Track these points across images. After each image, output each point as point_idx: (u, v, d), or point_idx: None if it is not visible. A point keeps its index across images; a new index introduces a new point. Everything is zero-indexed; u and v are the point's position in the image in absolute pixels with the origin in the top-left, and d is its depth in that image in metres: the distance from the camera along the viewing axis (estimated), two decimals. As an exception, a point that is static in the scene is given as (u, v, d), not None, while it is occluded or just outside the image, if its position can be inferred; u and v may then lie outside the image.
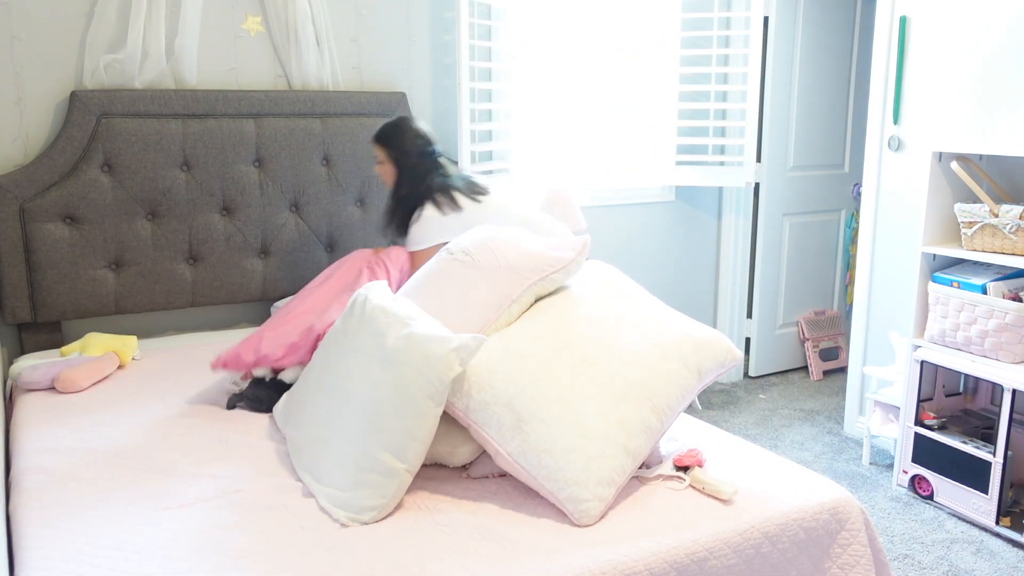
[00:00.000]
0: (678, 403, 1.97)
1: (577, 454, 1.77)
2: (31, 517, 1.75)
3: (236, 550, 1.63)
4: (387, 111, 3.31)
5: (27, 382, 2.50)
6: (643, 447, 1.86)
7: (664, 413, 1.92)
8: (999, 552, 2.76)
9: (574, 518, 1.73)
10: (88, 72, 2.85)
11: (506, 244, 2.16)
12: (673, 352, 2.02)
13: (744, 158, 4.07)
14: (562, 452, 1.77)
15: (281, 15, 3.11)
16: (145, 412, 2.34)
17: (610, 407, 1.86)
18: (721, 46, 4.15)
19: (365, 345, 1.96)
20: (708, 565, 1.69)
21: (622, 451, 1.81)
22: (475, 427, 1.87)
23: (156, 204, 2.94)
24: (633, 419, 1.86)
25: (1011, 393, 2.75)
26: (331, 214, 3.23)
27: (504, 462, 1.85)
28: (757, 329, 4.51)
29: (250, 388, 2.38)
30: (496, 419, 1.84)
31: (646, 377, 1.94)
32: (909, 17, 3.35)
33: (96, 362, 2.58)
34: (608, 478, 1.77)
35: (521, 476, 1.83)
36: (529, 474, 1.80)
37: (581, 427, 1.80)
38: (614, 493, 1.78)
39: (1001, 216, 2.80)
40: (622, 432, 1.83)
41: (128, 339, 2.77)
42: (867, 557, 1.89)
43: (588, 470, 1.75)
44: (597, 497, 1.74)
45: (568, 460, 1.76)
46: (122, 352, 2.69)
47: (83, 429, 2.22)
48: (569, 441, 1.78)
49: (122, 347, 2.71)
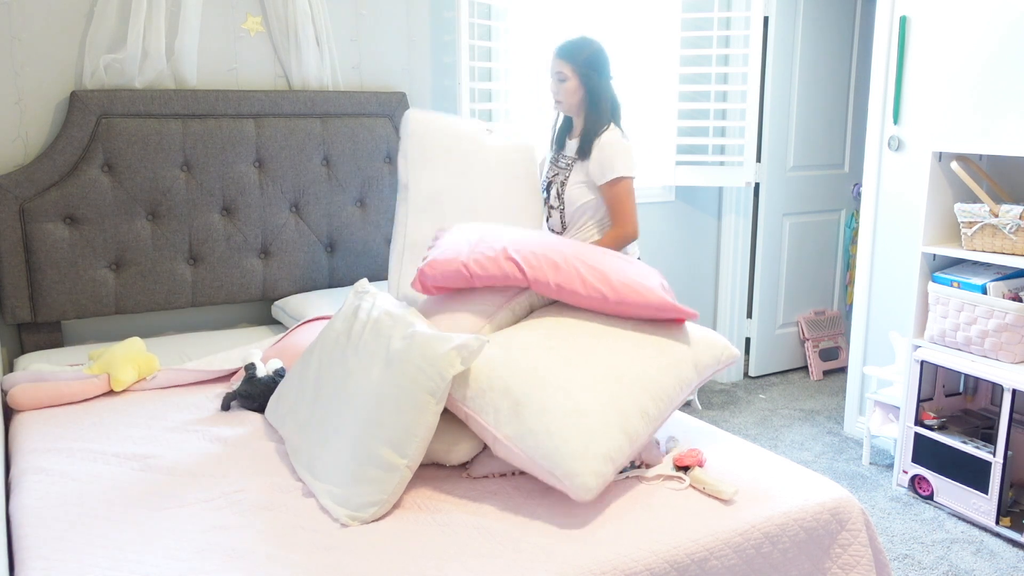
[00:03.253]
0: (676, 394, 1.98)
1: (574, 431, 1.78)
2: (31, 517, 1.75)
3: (236, 550, 1.63)
4: (387, 111, 3.31)
5: (7, 386, 2.39)
6: (640, 431, 1.86)
7: (661, 401, 1.93)
8: (999, 552, 2.76)
9: (572, 493, 1.73)
10: (88, 72, 2.85)
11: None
12: (669, 348, 2.05)
13: (744, 158, 4.07)
14: (559, 431, 1.78)
15: (281, 15, 3.11)
16: (144, 413, 2.34)
17: (606, 394, 1.88)
18: (721, 46, 4.15)
19: (369, 347, 1.98)
20: (708, 565, 1.69)
21: (619, 431, 1.82)
22: (472, 415, 1.88)
23: (156, 204, 2.94)
24: (629, 404, 1.87)
25: (1011, 393, 2.75)
26: (331, 214, 3.23)
27: (501, 448, 1.85)
28: (757, 329, 4.51)
29: (243, 386, 2.38)
30: (493, 406, 1.86)
31: (642, 369, 1.96)
32: (909, 17, 3.35)
33: (70, 384, 2.39)
34: (605, 455, 1.77)
35: (518, 460, 1.83)
36: (526, 455, 1.80)
37: (578, 410, 1.82)
38: (612, 471, 1.78)
39: (1001, 216, 2.80)
40: (618, 415, 1.84)
41: (150, 360, 2.57)
42: (868, 557, 1.89)
43: (585, 446, 1.76)
44: (594, 472, 1.74)
45: (565, 438, 1.77)
46: (128, 373, 2.48)
47: (82, 430, 2.22)
48: (566, 421, 1.80)
49: (145, 367, 2.52)
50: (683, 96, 4.09)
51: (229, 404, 2.37)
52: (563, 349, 1.98)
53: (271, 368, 2.45)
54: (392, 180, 3.33)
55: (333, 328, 2.16)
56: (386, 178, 3.32)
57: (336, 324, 2.16)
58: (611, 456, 1.78)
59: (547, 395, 1.84)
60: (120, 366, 2.47)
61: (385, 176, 3.32)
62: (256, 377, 2.39)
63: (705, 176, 4.12)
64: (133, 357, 2.52)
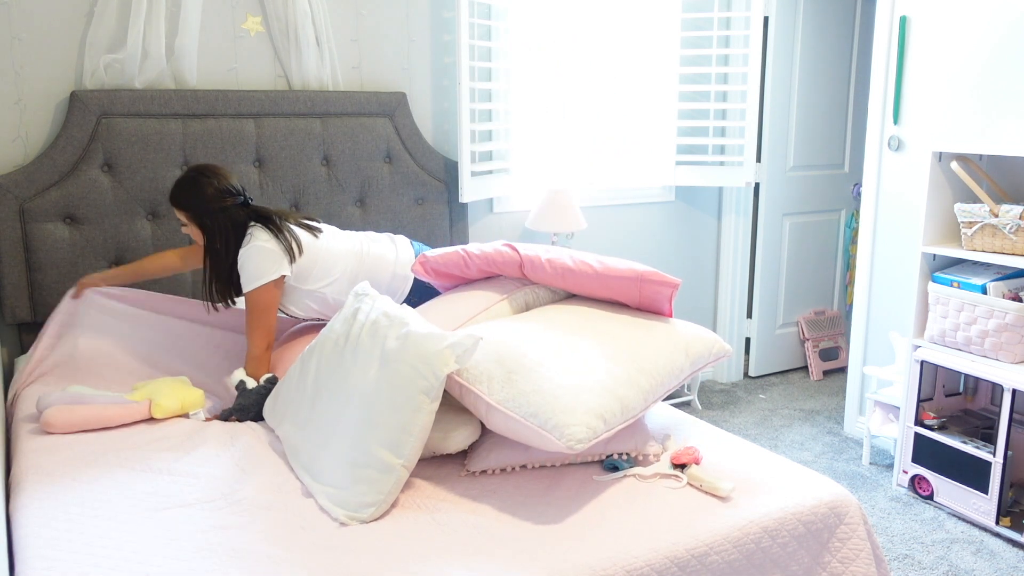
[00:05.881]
0: (667, 374, 2.03)
1: (565, 390, 1.82)
2: (31, 517, 1.75)
3: (236, 550, 1.63)
4: (387, 111, 3.31)
5: (41, 406, 2.26)
6: (632, 399, 1.89)
7: (653, 377, 1.98)
8: (999, 552, 2.76)
9: (562, 443, 1.75)
10: (88, 72, 2.85)
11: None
12: (660, 332, 2.12)
13: (744, 158, 4.07)
14: (550, 389, 1.82)
15: (281, 15, 3.11)
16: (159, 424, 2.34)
17: (599, 360, 1.94)
18: (721, 46, 4.15)
19: (366, 347, 1.99)
20: (709, 560, 1.69)
21: (610, 394, 1.85)
22: (466, 385, 1.90)
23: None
24: (620, 373, 1.92)
25: (1011, 393, 2.75)
26: (331, 214, 3.23)
27: (494, 415, 1.87)
28: (757, 329, 4.51)
29: (237, 402, 2.36)
30: (487, 375, 1.89)
31: (634, 348, 2.03)
32: (909, 17, 3.36)
33: (107, 408, 2.26)
34: (596, 412, 1.80)
35: (508, 426, 1.85)
36: (516, 417, 1.82)
37: (570, 371, 1.88)
38: (603, 429, 1.80)
39: (1001, 216, 2.80)
40: (611, 379, 1.89)
41: (196, 394, 2.40)
42: (867, 551, 1.90)
43: (576, 400, 1.79)
44: (585, 424, 1.76)
45: (556, 395, 1.80)
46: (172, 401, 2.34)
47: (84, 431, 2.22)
48: (557, 381, 1.84)
49: (190, 401, 2.37)
50: (683, 96, 4.10)
51: (227, 418, 2.36)
52: (558, 328, 2.06)
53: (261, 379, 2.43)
54: (392, 180, 3.33)
55: (333, 330, 2.17)
56: (386, 178, 3.32)
57: (336, 326, 2.17)
58: (602, 415, 1.81)
59: (540, 362, 1.90)
60: (165, 394, 2.35)
61: (385, 176, 3.32)
62: (247, 389, 2.38)
63: (705, 176, 4.12)
64: (178, 389, 2.38)
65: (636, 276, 2.17)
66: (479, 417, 1.94)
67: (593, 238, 4.05)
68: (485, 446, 2.00)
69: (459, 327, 2.21)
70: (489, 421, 1.90)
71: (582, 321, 2.12)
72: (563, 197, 3.58)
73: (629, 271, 2.18)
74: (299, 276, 2.51)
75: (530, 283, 2.35)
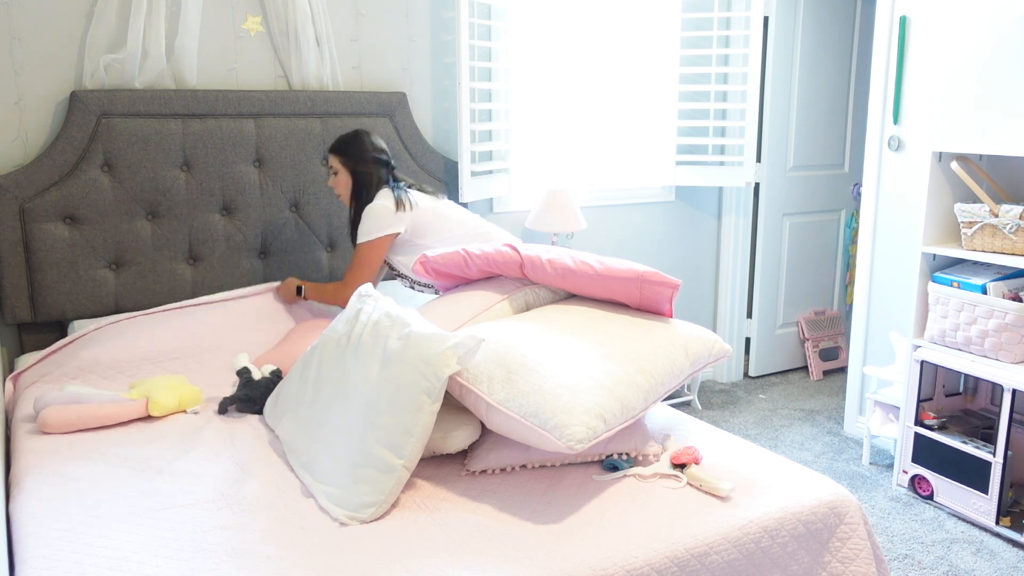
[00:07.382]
0: (667, 374, 2.03)
1: (565, 390, 1.82)
2: (31, 517, 1.75)
3: (236, 550, 1.63)
4: (387, 111, 3.31)
5: (38, 407, 2.26)
6: (631, 399, 1.90)
7: (652, 376, 1.98)
8: (999, 552, 2.76)
9: (561, 443, 1.75)
10: (88, 72, 2.85)
11: None
12: (659, 332, 2.12)
13: (744, 158, 4.07)
14: (551, 389, 1.83)
15: (281, 15, 3.11)
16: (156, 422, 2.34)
17: (598, 360, 1.95)
18: (721, 46, 4.15)
19: (368, 348, 1.99)
20: (709, 560, 1.69)
21: (610, 395, 1.86)
22: (467, 385, 1.91)
23: (156, 204, 2.94)
24: (620, 373, 1.93)
25: (1011, 393, 2.75)
26: (331, 214, 3.23)
27: (494, 415, 1.87)
28: (757, 329, 4.51)
29: (240, 389, 2.38)
30: (487, 375, 1.90)
31: (634, 348, 2.03)
32: (909, 17, 3.36)
33: (104, 406, 2.26)
34: (595, 411, 1.80)
35: (508, 426, 1.85)
36: (516, 417, 1.82)
37: (569, 372, 1.88)
38: (603, 429, 1.80)
39: (1001, 216, 2.80)
40: (611, 380, 1.90)
41: (194, 392, 2.43)
42: (867, 550, 1.90)
43: (575, 400, 1.80)
44: (585, 424, 1.77)
45: (556, 395, 1.81)
46: (169, 399, 2.35)
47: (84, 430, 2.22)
48: (558, 381, 1.85)
49: (187, 398, 2.39)
50: (683, 96, 4.10)
51: (226, 408, 2.36)
52: (558, 329, 2.07)
53: (266, 371, 2.44)
54: (392, 180, 3.34)
55: (335, 330, 2.17)
56: (386, 178, 3.32)
57: (338, 326, 2.17)
58: (602, 415, 1.81)
59: (541, 362, 1.90)
60: (161, 391, 2.34)
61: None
62: (253, 380, 2.39)
63: (705, 176, 4.12)
64: (175, 386, 2.39)
65: (636, 276, 2.18)
66: (479, 417, 1.94)
67: (593, 238, 4.05)
68: (485, 446, 2.00)
69: (460, 327, 2.21)
70: (489, 421, 1.90)
71: (582, 321, 2.13)
72: (563, 197, 3.58)
73: (629, 271, 2.19)
74: (415, 231, 2.81)
75: (530, 283, 2.36)
